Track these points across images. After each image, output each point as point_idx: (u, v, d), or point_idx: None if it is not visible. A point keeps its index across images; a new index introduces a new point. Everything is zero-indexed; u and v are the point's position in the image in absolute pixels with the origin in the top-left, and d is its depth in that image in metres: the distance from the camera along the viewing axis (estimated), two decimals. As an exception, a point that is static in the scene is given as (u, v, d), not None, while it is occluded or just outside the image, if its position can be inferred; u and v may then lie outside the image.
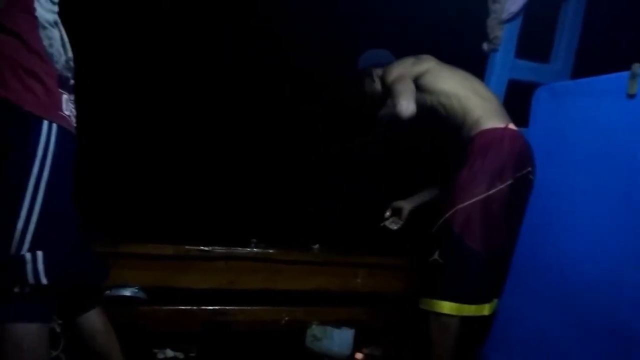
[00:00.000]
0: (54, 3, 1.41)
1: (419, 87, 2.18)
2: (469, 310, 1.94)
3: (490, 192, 1.95)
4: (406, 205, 2.43)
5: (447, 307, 1.93)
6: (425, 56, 2.29)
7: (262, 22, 2.96)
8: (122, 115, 2.78)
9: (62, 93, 1.40)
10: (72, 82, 1.46)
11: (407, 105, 2.07)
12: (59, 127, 1.37)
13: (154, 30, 2.83)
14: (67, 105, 1.42)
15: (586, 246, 1.83)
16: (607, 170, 1.79)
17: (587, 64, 2.49)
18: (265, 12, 2.94)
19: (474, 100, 2.11)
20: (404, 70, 2.23)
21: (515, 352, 2.06)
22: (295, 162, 3.12)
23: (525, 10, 2.40)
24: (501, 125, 2.04)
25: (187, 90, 2.96)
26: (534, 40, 2.53)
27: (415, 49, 2.36)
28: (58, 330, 1.75)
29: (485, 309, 2.00)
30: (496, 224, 1.98)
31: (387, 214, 2.46)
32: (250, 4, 2.95)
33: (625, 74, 1.76)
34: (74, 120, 1.46)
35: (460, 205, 1.95)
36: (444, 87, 2.15)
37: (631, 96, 1.74)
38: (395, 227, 2.42)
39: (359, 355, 1.25)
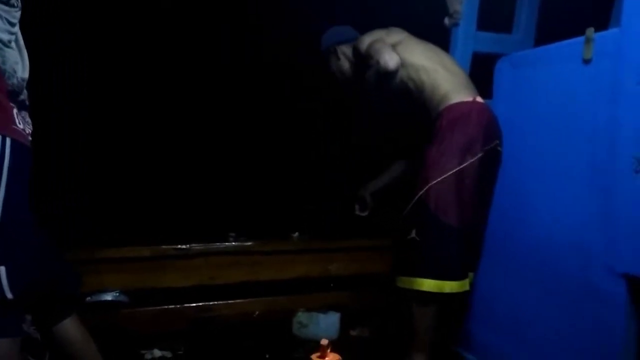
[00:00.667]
0: (11, 25, 1.40)
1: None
2: (450, 286, 1.95)
3: (462, 166, 1.96)
4: (365, 192, 2.48)
5: (426, 284, 1.93)
6: (395, 28, 2.29)
7: (261, 20, 2.93)
8: (103, 108, 2.76)
9: (13, 107, 1.39)
10: (23, 98, 1.45)
11: (390, 56, 2.08)
12: (13, 141, 1.36)
13: (150, 26, 2.79)
14: (20, 119, 1.41)
15: (554, 213, 1.85)
16: (570, 136, 1.80)
17: (550, 31, 2.49)
18: (264, 10, 2.91)
19: (442, 73, 2.11)
20: (377, 37, 2.22)
21: (493, 325, 2.09)
22: (283, 157, 3.13)
23: (483, -19, 2.39)
24: (469, 98, 2.05)
25: (172, 85, 2.94)
26: (495, 10, 2.53)
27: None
28: (41, 340, 1.76)
29: (464, 285, 2.01)
30: (469, 198, 1.99)
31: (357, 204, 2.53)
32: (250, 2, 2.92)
33: (580, 39, 1.76)
34: (29, 133, 1.45)
35: (433, 182, 1.96)
36: (413, 60, 2.13)
37: (587, 61, 1.74)
38: (363, 214, 2.46)
39: (324, 341, 1.27)
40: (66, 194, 2.50)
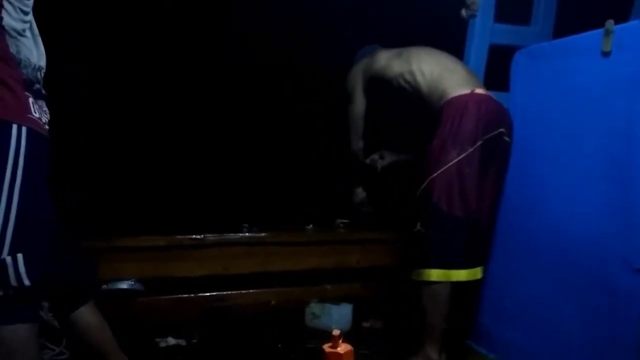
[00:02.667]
0: (24, 13, 1.41)
1: (379, 74, 2.40)
2: (457, 275, 1.98)
3: (461, 157, 1.99)
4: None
5: (434, 274, 1.96)
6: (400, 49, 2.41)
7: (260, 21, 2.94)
8: (110, 103, 2.78)
9: (29, 96, 1.41)
10: (38, 87, 1.46)
11: (356, 146, 2.63)
12: (29, 130, 1.38)
13: (152, 25, 2.81)
14: (36, 108, 1.43)
15: (570, 206, 1.83)
16: (588, 129, 1.78)
17: (569, 23, 2.46)
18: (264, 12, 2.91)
19: (439, 73, 2.19)
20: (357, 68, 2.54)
21: (505, 317, 2.08)
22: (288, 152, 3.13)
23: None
24: (466, 91, 2.09)
25: (179, 79, 2.95)
26: (513, 2, 2.50)
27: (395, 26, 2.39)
28: (58, 327, 1.80)
29: (474, 273, 2.03)
30: (471, 187, 2.01)
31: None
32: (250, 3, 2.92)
33: (599, 31, 1.73)
34: (45, 122, 1.47)
35: (434, 174, 2.00)
36: (411, 68, 2.24)
37: (606, 53, 1.71)
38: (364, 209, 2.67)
39: (336, 332, 1.27)
40: (82, 186, 2.52)
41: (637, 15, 2.00)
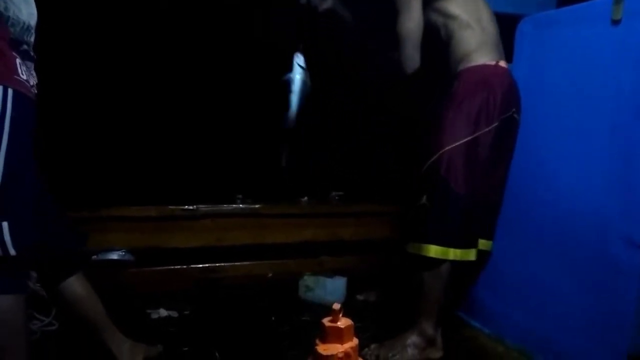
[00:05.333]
0: None
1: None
2: (454, 254, 1.92)
3: (477, 134, 1.90)
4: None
5: (432, 250, 1.91)
6: None
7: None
8: (100, 71, 2.70)
9: (16, 57, 1.34)
10: (26, 47, 1.39)
11: (411, 62, 2.03)
12: (15, 92, 1.31)
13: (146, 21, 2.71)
14: (23, 70, 1.35)
15: (573, 180, 1.80)
16: (593, 100, 1.73)
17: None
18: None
19: (472, 30, 2.00)
20: None
21: (502, 290, 2.07)
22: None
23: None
24: (492, 62, 1.96)
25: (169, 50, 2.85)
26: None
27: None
28: (47, 297, 1.76)
29: (471, 254, 1.97)
30: (482, 167, 1.94)
31: None
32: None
33: (609, -1, 1.67)
34: (33, 85, 1.40)
35: (447, 148, 1.90)
36: (452, 9, 2.02)
37: (616, 22, 1.65)
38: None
39: (336, 306, 1.24)
40: (73, 154, 2.45)
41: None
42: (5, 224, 1.27)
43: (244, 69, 2.91)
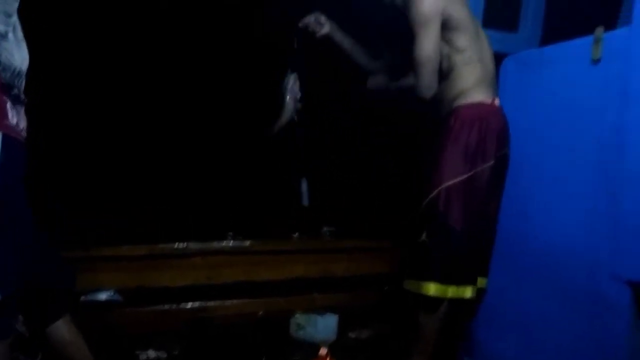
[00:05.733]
0: (7, 15, 1.36)
1: (448, 25, 1.93)
2: (452, 292, 1.91)
3: (474, 171, 1.91)
4: (329, 25, 2.20)
5: (432, 288, 1.89)
6: None
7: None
8: (89, 107, 2.72)
9: (7, 101, 1.35)
10: (17, 92, 1.41)
11: (429, 89, 1.90)
12: (5, 136, 1.32)
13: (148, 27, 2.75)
14: (14, 114, 1.37)
15: (560, 217, 1.82)
16: (577, 139, 1.77)
17: (557, 29, 2.45)
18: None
19: (475, 65, 1.97)
20: (434, 9, 1.89)
21: (498, 331, 2.05)
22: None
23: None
24: (488, 100, 1.97)
25: (169, 87, 2.89)
26: (501, 8, 2.48)
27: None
28: (33, 340, 1.73)
29: (468, 291, 1.95)
30: (478, 203, 1.94)
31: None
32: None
33: (589, 38, 1.72)
34: (23, 129, 1.42)
35: (445, 185, 1.91)
36: (459, 43, 1.95)
37: (596, 61, 1.70)
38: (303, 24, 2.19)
39: (323, 351, 1.23)
40: (62, 194, 2.45)
41: (625, 22, 1.98)
42: (-10, 269, 1.27)
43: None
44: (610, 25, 1.92)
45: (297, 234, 2.66)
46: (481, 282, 2.06)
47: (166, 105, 2.89)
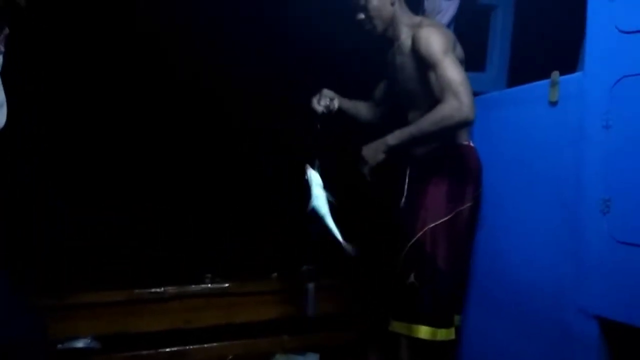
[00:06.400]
0: None
1: None
2: (441, 334, 1.92)
3: (457, 210, 1.95)
4: (337, 98, 2.24)
5: (423, 331, 1.90)
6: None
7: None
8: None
9: None
10: None
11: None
12: None
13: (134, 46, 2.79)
14: None
15: (527, 254, 1.86)
16: (539, 177, 1.82)
17: (525, 68, 2.53)
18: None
19: None
20: (448, 44, 1.88)
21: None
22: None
23: (455, 21, 2.43)
24: (465, 141, 2.04)
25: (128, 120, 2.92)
26: (468, 50, 2.57)
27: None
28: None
29: (452, 333, 1.97)
30: (461, 244, 1.99)
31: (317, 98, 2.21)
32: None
33: (547, 82, 1.80)
34: None
35: (431, 225, 1.94)
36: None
37: (553, 103, 1.77)
38: (320, 109, 2.19)
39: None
40: (36, 236, 2.46)
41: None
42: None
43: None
44: (573, 65, 2.00)
45: (275, 274, 2.67)
46: (458, 319, 2.08)
47: (142, 138, 2.93)
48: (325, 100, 2.19)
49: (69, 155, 2.69)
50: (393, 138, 1.90)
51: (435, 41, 1.85)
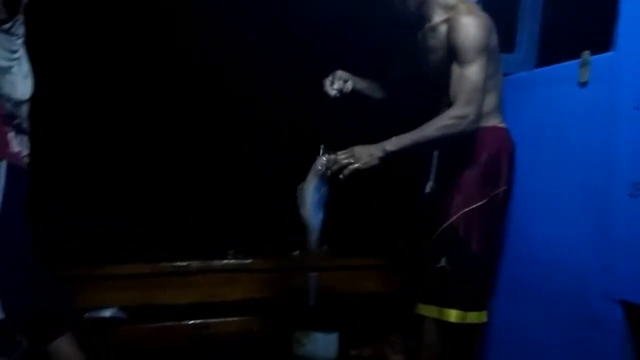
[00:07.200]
0: (11, 52, 1.44)
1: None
2: (470, 317, 1.91)
3: (492, 195, 1.92)
4: (351, 79, 2.12)
5: (453, 315, 1.88)
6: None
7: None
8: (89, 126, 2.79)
9: (9, 131, 1.43)
10: (19, 121, 1.48)
11: (479, 118, 1.79)
12: (8, 165, 1.39)
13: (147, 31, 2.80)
14: (15, 143, 1.44)
15: (553, 238, 1.84)
16: (567, 159, 1.79)
17: (554, 49, 2.48)
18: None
19: (494, 92, 1.95)
20: (485, 39, 1.84)
21: (501, 351, 2.07)
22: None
23: (484, 2, 2.38)
24: (500, 123, 1.99)
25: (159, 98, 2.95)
26: (498, 29, 2.52)
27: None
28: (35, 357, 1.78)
29: (484, 316, 1.97)
30: (495, 227, 1.96)
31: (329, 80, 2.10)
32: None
33: (577, 62, 1.76)
34: (25, 155, 1.48)
35: (465, 210, 1.90)
36: (488, 70, 1.87)
37: (583, 84, 1.73)
38: (333, 93, 2.07)
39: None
40: (64, 213, 2.52)
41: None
42: (-6, 289, 1.32)
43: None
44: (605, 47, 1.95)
45: (297, 251, 2.69)
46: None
47: (172, 120, 2.96)
48: (339, 83, 2.08)
49: (68, 158, 2.71)
50: (392, 144, 1.81)
51: (473, 36, 1.81)
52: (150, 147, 2.84)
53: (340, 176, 1.81)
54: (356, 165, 1.79)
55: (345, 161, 1.80)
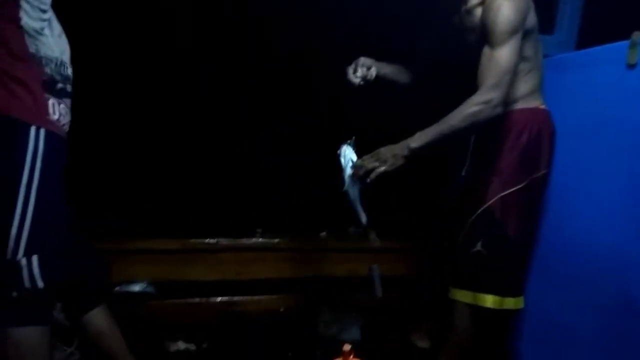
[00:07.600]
0: (42, 11, 1.42)
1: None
2: (507, 303, 1.86)
3: (530, 179, 1.85)
4: (375, 65, 2.05)
5: (490, 300, 1.84)
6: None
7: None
8: (122, 109, 2.79)
9: (49, 97, 1.42)
10: (61, 86, 1.47)
11: (502, 103, 1.72)
12: (47, 132, 1.39)
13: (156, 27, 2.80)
14: (55, 109, 1.43)
15: (594, 224, 1.79)
16: (611, 143, 1.74)
17: (594, 32, 2.41)
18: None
19: (534, 73, 1.90)
20: (520, 20, 1.76)
21: (532, 338, 2.04)
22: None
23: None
24: (542, 106, 1.92)
25: (194, 79, 2.94)
26: (537, 11, 2.45)
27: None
28: (70, 327, 1.80)
29: (521, 302, 1.92)
30: (533, 212, 1.91)
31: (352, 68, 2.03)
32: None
33: (625, 43, 1.70)
34: (65, 124, 1.48)
35: (503, 194, 1.84)
36: (526, 51, 1.84)
37: (631, 66, 1.68)
38: (357, 81, 1.99)
39: (346, 347, 1.25)
40: (98, 187, 2.54)
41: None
42: (35, 258, 1.33)
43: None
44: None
45: (324, 232, 2.69)
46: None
47: (203, 102, 2.95)
48: (362, 70, 2.00)
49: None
50: (416, 141, 1.74)
51: (507, 18, 1.73)
52: (151, 147, 2.83)
53: (368, 180, 1.77)
54: (382, 168, 1.75)
55: (371, 165, 1.76)
